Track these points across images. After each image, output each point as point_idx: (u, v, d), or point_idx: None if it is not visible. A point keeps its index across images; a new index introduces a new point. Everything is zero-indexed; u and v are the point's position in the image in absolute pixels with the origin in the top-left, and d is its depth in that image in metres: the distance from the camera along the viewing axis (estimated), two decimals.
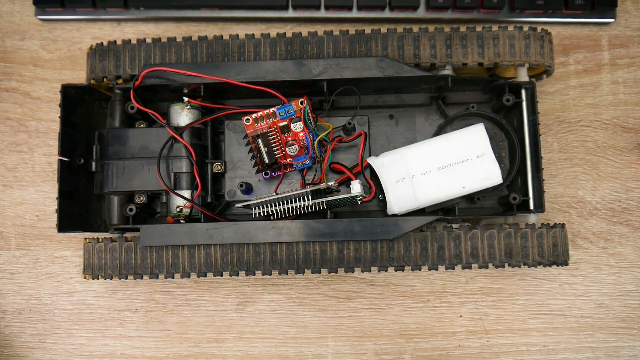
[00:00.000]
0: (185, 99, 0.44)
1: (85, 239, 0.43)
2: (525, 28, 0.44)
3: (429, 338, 0.47)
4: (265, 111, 0.43)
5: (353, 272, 0.42)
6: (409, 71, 0.42)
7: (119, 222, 0.44)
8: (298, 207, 0.41)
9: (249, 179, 0.46)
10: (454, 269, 0.42)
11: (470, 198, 0.45)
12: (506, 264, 0.42)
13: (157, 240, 0.41)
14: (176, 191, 0.43)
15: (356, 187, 0.41)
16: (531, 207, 0.43)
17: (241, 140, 0.46)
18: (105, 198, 0.46)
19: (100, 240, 0.43)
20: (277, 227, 0.41)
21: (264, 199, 0.41)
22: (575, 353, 0.47)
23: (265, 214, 0.41)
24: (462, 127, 0.45)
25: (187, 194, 0.44)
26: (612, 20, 0.50)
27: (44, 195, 0.49)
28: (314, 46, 0.43)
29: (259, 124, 0.44)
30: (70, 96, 0.44)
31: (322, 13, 0.49)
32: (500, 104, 0.44)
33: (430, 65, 0.43)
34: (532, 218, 0.44)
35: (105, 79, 0.44)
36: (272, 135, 0.44)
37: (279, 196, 0.41)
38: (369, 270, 0.42)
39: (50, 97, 0.50)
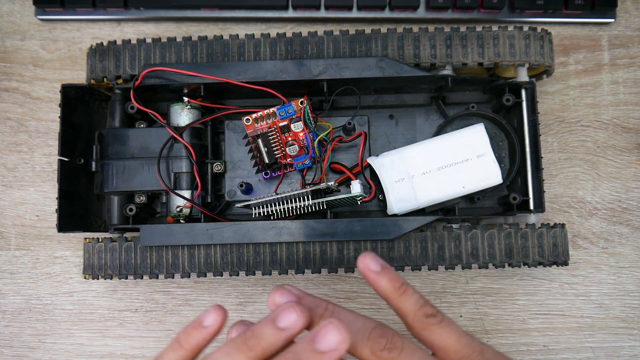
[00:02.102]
0: (185, 99, 0.44)
1: (85, 239, 0.43)
2: (525, 28, 0.44)
3: None
4: (265, 111, 0.44)
5: (353, 272, 0.42)
6: (409, 71, 0.42)
7: (119, 222, 0.44)
8: (298, 207, 0.41)
9: (249, 179, 0.46)
10: (454, 269, 0.42)
11: (470, 198, 0.45)
12: (506, 264, 0.42)
13: (157, 240, 0.41)
14: (176, 191, 0.43)
15: (356, 187, 0.41)
16: (531, 207, 0.43)
17: (241, 140, 0.46)
18: (105, 198, 0.46)
19: (100, 240, 0.43)
20: (277, 227, 0.41)
21: (264, 199, 0.41)
22: (575, 353, 0.47)
23: (265, 214, 0.41)
24: (462, 127, 0.45)
25: (187, 194, 0.44)
26: (612, 20, 0.50)
27: (44, 195, 0.49)
28: (314, 46, 0.43)
29: (259, 124, 0.44)
30: (70, 96, 0.44)
31: (322, 13, 0.49)
32: (500, 104, 0.44)
33: (430, 65, 0.43)
34: (532, 218, 0.44)
35: (105, 79, 0.44)
36: (272, 135, 0.44)
37: (279, 196, 0.41)
38: None
39: (50, 97, 0.50)
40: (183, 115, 0.44)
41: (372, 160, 0.44)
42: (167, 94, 0.45)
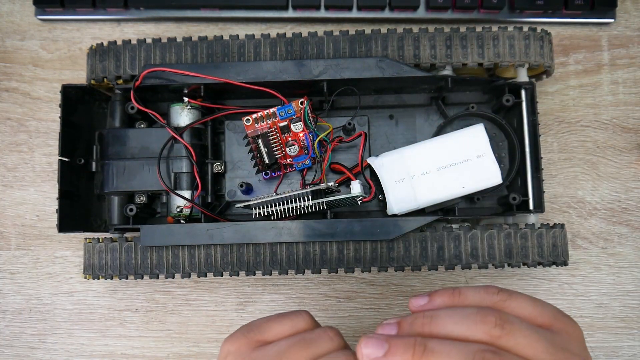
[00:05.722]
0: (186, 99, 0.44)
1: (86, 239, 0.43)
2: (525, 28, 0.44)
3: None
4: (266, 111, 0.44)
5: (353, 272, 0.42)
6: (409, 71, 0.42)
7: (119, 222, 0.44)
8: (298, 207, 0.41)
9: (249, 179, 0.46)
10: (454, 269, 0.42)
11: (470, 198, 0.45)
12: (506, 264, 0.42)
13: (157, 240, 0.41)
14: (176, 191, 0.43)
15: (356, 188, 0.41)
16: (531, 207, 0.43)
17: (241, 140, 0.46)
18: (105, 198, 0.46)
19: (100, 240, 0.43)
20: (277, 227, 0.41)
21: (264, 199, 0.41)
22: None
23: (266, 214, 0.41)
24: (462, 127, 0.45)
25: (187, 194, 0.44)
26: (612, 20, 0.50)
27: (44, 196, 0.49)
28: (314, 46, 0.44)
29: (259, 124, 0.44)
30: (71, 96, 0.44)
31: (322, 13, 0.49)
32: (500, 104, 0.44)
33: (430, 66, 0.43)
34: (532, 218, 0.44)
35: (105, 79, 0.44)
36: (272, 135, 0.44)
37: (279, 196, 0.41)
38: (369, 271, 0.42)
39: (50, 97, 0.50)
40: (183, 116, 0.44)
41: (372, 161, 0.44)
42: (167, 94, 0.45)
